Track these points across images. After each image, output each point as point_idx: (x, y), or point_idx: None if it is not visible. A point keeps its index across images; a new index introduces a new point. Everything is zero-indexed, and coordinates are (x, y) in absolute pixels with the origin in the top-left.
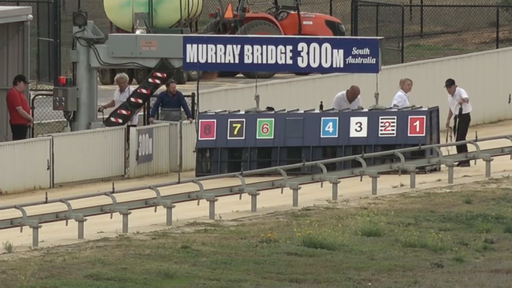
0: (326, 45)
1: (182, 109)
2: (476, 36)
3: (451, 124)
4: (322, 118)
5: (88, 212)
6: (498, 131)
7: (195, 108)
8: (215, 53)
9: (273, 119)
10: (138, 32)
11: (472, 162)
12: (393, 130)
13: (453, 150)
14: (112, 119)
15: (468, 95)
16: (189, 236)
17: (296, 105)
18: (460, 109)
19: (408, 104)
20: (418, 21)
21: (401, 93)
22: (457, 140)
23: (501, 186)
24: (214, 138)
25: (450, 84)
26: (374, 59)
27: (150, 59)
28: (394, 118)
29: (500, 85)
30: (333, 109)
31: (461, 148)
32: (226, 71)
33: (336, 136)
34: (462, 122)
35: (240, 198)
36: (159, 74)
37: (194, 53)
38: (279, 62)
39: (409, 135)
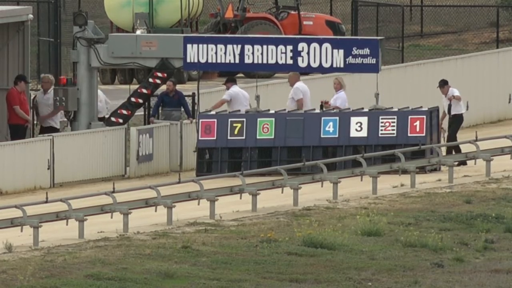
0: (326, 45)
1: (182, 109)
2: (476, 36)
3: (445, 125)
4: (322, 118)
5: (88, 212)
6: (498, 131)
7: (196, 108)
8: (216, 53)
9: (273, 119)
10: (138, 32)
11: (472, 162)
12: (393, 130)
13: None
14: (113, 119)
15: (461, 95)
16: (189, 236)
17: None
18: (449, 106)
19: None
20: (418, 21)
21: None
22: (447, 140)
23: (501, 186)
24: (215, 138)
25: (443, 84)
26: (374, 59)
27: (150, 59)
28: (394, 118)
29: (500, 85)
30: (333, 108)
31: (454, 149)
32: (226, 71)
33: (337, 136)
34: (453, 123)
35: (241, 198)
36: (159, 74)
37: (195, 53)
38: (279, 62)
39: (409, 135)
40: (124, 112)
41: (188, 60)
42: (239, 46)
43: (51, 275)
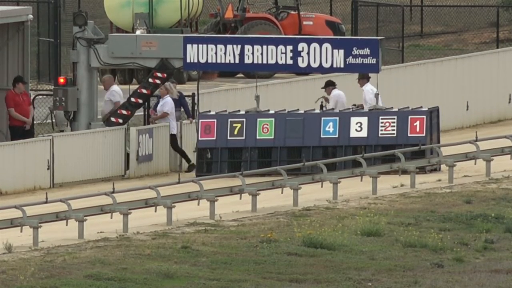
0: (327, 45)
1: (182, 109)
2: (476, 36)
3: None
4: (322, 118)
5: (88, 212)
6: (498, 131)
7: (195, 108)
8: (215, 53)
9: (273, 119)
10: (138, 32)
11: (472, 162)
12: (393, 130)
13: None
14: (112, 119)
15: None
16: (189, 236)
17: (296, 105)
18: (321, 106)
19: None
20: (418, 21)
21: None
22: None
23: (501, 186)
24: (214, 138)
25: (327, 85)
26: (375, 59)
27: (150, 59)
28: (394, 118)
29: (500, 85)
30: (333, 109)
31: None
32: (226, 71)
33: (336, 136)
34: None
35: (240, 198)
36: (159, 74)
37: (194, 53)
38: (279, 62)
39: (409, 135)
40: (124, 112)
41: (188, 60)
42: (239, 46)
43: (51, 276)
